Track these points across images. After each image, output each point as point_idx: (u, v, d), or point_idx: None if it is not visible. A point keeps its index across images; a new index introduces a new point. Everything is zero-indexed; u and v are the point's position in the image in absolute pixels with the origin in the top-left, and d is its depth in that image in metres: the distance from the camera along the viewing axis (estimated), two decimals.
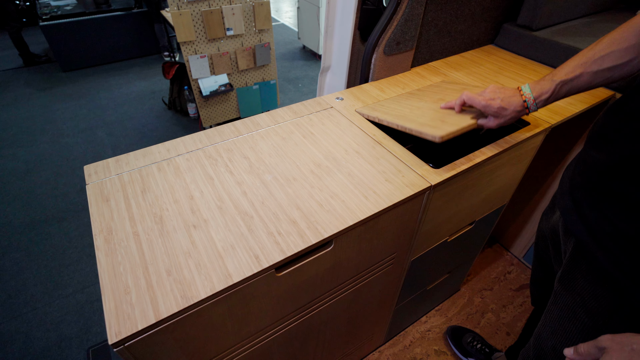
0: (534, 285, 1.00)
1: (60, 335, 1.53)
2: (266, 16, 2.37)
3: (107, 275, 0.57)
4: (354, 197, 0.71)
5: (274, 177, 0.76)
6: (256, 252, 0.61)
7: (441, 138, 0.74)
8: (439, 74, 1.18)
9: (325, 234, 0.64)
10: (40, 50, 3.93)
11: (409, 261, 0.97)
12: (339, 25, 1.18)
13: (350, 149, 0.84)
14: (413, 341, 1.39)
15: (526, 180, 1.50)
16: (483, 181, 0.93)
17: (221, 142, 0.86)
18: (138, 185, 0.73)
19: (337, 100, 1.04)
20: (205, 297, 0.54)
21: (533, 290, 1.01)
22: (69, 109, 3.05)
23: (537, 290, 0.99)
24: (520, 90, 0.74)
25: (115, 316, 0.51)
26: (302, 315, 0.79)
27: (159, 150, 0.83)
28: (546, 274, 0.91)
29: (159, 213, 0.67)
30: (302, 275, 0.68)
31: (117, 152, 2.58)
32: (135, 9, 3.65)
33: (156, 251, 0.60)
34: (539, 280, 0.96)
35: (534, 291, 1.01)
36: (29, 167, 2.43)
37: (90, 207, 0.68)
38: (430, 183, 0.75)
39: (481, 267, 1.66)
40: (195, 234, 0.63)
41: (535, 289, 1.00)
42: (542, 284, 0.95)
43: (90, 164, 0.78)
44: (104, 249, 0.61)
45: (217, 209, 0.68)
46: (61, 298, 1.67)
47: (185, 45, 2.21)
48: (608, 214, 0.57)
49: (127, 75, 3.58)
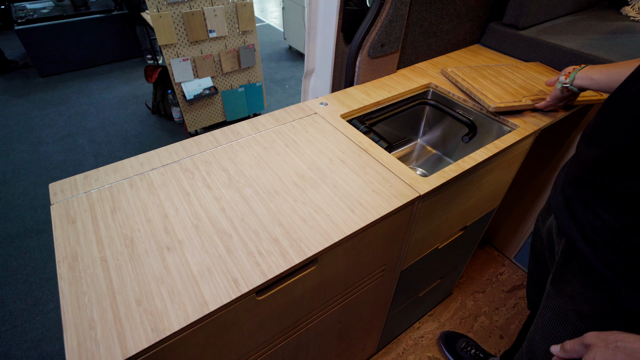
0: (531, 289, 0.97)
1: (41, 354, 1.46)
2: (250, 17, 2.32)
3: (70, 308, 0.52)
4: (340, 211, 0.68)
5: (255, 190, 0.72)
6: (235, 276, 0.56)
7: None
8: (425, 76, 1.15)
9: (309, 252, 0.60)
10: (17, 56, 3.79)
11: (399, 271, 0.94)
12: (321, 26, 1.14)
13: (335, 158, 0.80)
14: (406, 348, 1.36)
15: (516, 181, 1.48)
16: (473, 187, 0.90)
17: (199, 154, 0.81)
18: (108, 204, 0.68)
19: (321, 105, 1.00)
20: (179, 329, 0.50)
21: (530, 293, 0.99)
22: (47, 116, 2.95)
23: (533, 293, 0.97)
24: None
25: (77, 355, 0.47)
26: (287, 336, 0.75)
27: (132, 165, 0.78)
28: (543, 277, 0.89)
29: (129, 234, 0.62)
30: (285, 296, 0.64)
31: (99, 160, 2.50)
32: (116, 11, 3.55)
33: (125, 278, 0.56)
34: (535, 283, 0.94)
35: (531, 294, 0.98)
36: (6, 177, 2.34)
37: (55, 230, 0.63)
38: (419, 192, 0.72)
39: (472, 270, 1.64)
40: (169, 257, 0.59)
41: (532, 292, 0.97)
42: (539, 287, 0.93)
43: (57, 181, 0.73)
44: (67, 278, 0.56)
45: (193, 227, 0.64)
46: (42, 314, 1.60)
47: (166, 49, 2.14)
48: (597, 209, 0.57)
49: (108, 80, 3.48)
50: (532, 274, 0.95)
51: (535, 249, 0.88)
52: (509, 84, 1.04)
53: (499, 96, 0.98)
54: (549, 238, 0.76)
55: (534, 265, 0.92)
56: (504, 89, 1.02)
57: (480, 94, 0.99)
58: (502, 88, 1.02)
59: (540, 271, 0.89)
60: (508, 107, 0.95)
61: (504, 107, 0.94)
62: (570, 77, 0.83)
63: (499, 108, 0.94)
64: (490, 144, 0.86)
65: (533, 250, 0.90)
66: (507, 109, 0.95)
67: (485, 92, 0.99)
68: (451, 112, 1.01)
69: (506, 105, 0.94)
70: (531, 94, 0.99)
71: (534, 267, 0.92)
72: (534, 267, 0.92)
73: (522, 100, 0.96)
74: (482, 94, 0.99)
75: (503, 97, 0.97)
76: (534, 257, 0.90)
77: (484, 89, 1.01)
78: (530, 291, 0.99)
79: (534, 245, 0.89)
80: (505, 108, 0.94)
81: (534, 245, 0.89)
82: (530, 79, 1.08)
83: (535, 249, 0.88)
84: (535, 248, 0.89)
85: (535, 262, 0.91)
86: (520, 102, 0.96)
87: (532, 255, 0.92)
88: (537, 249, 0.87)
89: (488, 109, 0.95)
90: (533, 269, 0.93)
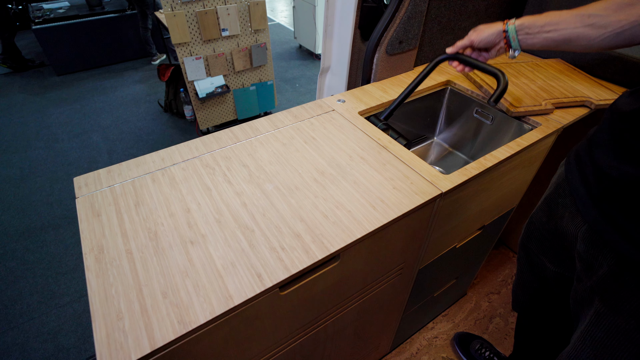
0: (521, 290, 0.94)
1: (57, 346, 1.49)
2: (262, 16, 2.32)
3: (98, 299, 0.52)
4: (361, 207, 0.67)
5: (275, 186, 0.72)
6: (258, 270, 0.56)
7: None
8: (443, 73, 1.14)
9: (332, 248, 0.60)
10: (33, 55, 3.87)
11: (417, 270, 0.93)
12: (338, 24, 1.14)
13: (355, 155, 0.80)
14: (420, 349, 1.35)
15: (533, 180, 1.46)
16: (494, 185, 0.89)
17: (218, 150, 0.81)
18: (131, 198, 0.69)
19: (338, 102, 0.99)
20: (205, 322, 0.50)
21: (519, 295, 0.95)
22: (63, 114, 3.00)
23: (524, 294, 0.93)
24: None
25: (106, 346, 0.47)
26: (306, 332, 0.75)
27: (153, 160, 0.78)
28: (535, 279, 0.86)
29: (153, 228, 0.63)
30: (306, 292, 0.64)
31: (113, 156, 2.54)
32: (129, 10, 3.59)
33: (151, 271, 0.56)
34: (526, 284, 0.90)
35: (521, 296, 0.94)
36: (24, 173, 2.38)
37: (80, 223, 0.64)
38: (441, 190, 0.71)
39: (487, 270, 1.62)
40: (193, 251, 0.59)
41: (523, 293, 0.93)
42: (530, 289, 0.90)
43: (80, 175, 0.74)
44: (94, 270, 0.56)
45: (215, 222, 0.64)
46: (58, 307, 1.63)
47: (180, 47, 2.16)
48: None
49: (121, 78, 3.53)
50: (522, 274, 0.91)
51: (529, 250, 0.84)
52: (529, 85, 1.02)
53: (519, 99, 0.96)
54: (555, 238, 0.73)
55: (526, 266, 0.88)
56: (524, 90, 1.00)
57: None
58: (522, 90, 1.00)
59: (533, 273, 0.86)
60: (528, 112, 0.93)
61: (523, 111, 0.93)
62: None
63: (519, 113, 0.93)
64: (512, 141, 0.85)
65: (526, 251, 0.86)
66: (526, 114, 0.94)
67: (505, 95, 0.98)
68: (477, 63, 0.83)
69: (526, 110, 0.93)
70: (552, 97, 0.97)
71: (526, 268, 0.88)
72: (526, 267, 0.88)
73: (542, 104, 0.94)
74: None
75: (523, 101, 0.96)
76: (527, 258, 0.86)
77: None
78: (519, 292, 0.95)
79: (527, 246, 0.84)
80: (525, 113, 0.93)
81: (526, 245, 0.85)
82: (551, 79, 1.06)
83: (529, 250, 0.84)
84: (528, 249, 0.84)
85: (528, 263, 0.87)
86: (540, 105, 0.94)
87: (524, 256, 0.87)
88: (531, 250, 0.83)
89: (508, 113, 0.94)
90: (525, 269, 0.89)
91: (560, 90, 1.01)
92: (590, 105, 0.97)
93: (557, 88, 1.02)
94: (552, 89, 1.01)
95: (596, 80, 1.07)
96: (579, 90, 1.01)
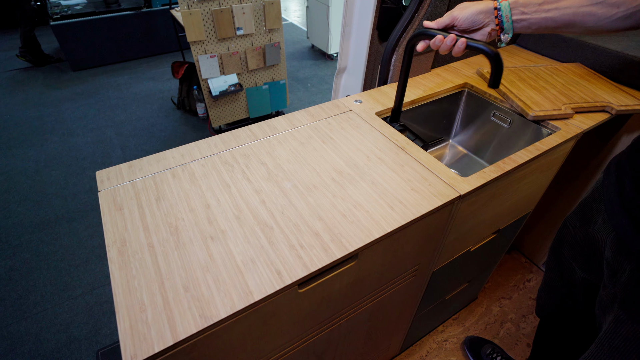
0: (548, 295, 0.92)
1: (70, 337, 1.51)
2: (277, 15, 2.33)
3: (122, 291, 0.53)
4: (379, 208, 0.67)
5: (294, 184, 0.72)
6: (278, 267, 0.57)
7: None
8: (460, 76, 1.14)
9: (351, 247, 0.60)
10: (51, 50, 3.94)
11: (431, 272, 0.93)
12: (356, 24, 1.14)
13: (373, 155, 0.80)
14: (430, 351, 1.35)
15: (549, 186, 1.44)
16: (511, 189, 0.89)
17: (237, 147, 0.82)
18: (152, 193, 0.70)
19: (355, 102, 0.99)
20: (226, 317, 0.51)
21: (545, 299, 0.93)
22: (78, 109, 3.05)
23: (550, 299, 0.91)
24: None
25: (130, 337, 0.48)
26: (321, 331, 0.75)
27: (173, 156, 0.79)
28: (563, 284, 0.85)
29: (174, 223, 0.64)
30: (324, 291, 0.64)
31: (126, 152, 2.57)
32: (145, 8, 3.64)
33: (172, 265, 0.57)
34: (554, 290, 0.89)
35: (547, 300, 0.93)
36: (39, 166, 2.43)
37: (103, 216, 0.65)
38: (459, 192, 0.71)
39: (498, 275, 1.61)
40: (213, 246, 0.60)
41: (549, 298, 0.92)
42: (558, 295, 0.89)
43: (103, 169, 0.75)
44: (117, 262, 0.57)
45: (235, 219, 0.65)
46: (71, 299, 1.65)
47: (195, 45, 2.18)
48: None
49: (136, 75, 3.57)
50: (551, 280, 0.89)
51: (561, 255, 0.83)
52: (548, 89, 1.01)
53: (538, 103, 0.95)
54: (587, 245, 0.73)
55: (555, 273, 0.87)
56: (542, 94, 0.99)
57: (518, 100, 0.96)
58: (540, 94, 0.99)
59: (562, 278, 0.85)
60: (547, 116, 0.93)
61: (542, 115, 0.92)
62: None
63: (538, 117, 0.92)
64: (531, 145, 0.84)
65: (557, 257, 0.85)
66: (546, 118, 0.93)
67: (524, 99, 0.97)
68: (476, 45, 0.68)
69: (545, 114, 0.92)
70: (572, 102, 0.96)
71: (556, 274, 0.87)
72: (556, 274, 0.87)
73: (561, 109, 0.93)
74: (520, 100, 0.97)
75: (542, 105, 0.95)
76: (558, 264, 0.85)
77: (521, 94, 0.99)
78: (545, 297, 0.93)
79: (560, 251, 0.83)
80: (544, 117, 0.92)
81: (559, 251, 0.84)
82: (570, 83, 1.04)
83: (561, 255, 0.83)
84: (560, 254, 0.83)
85: (558, 269, 0.86)
86: (559, 110, 0.93)
87: (554, 261, 0.86)
88: (564, 255, 0.82)
89: (526, 117, 0.94)
90: (554, 275, 0.88)
91: (580, 94, 0.99)
92: (611, 111, 0.95)
93: (577, 92, 1.00)
94: (571, 93, 1.00)
95: (617, 85, 1.06)
96: (600, 95, 1.00)
